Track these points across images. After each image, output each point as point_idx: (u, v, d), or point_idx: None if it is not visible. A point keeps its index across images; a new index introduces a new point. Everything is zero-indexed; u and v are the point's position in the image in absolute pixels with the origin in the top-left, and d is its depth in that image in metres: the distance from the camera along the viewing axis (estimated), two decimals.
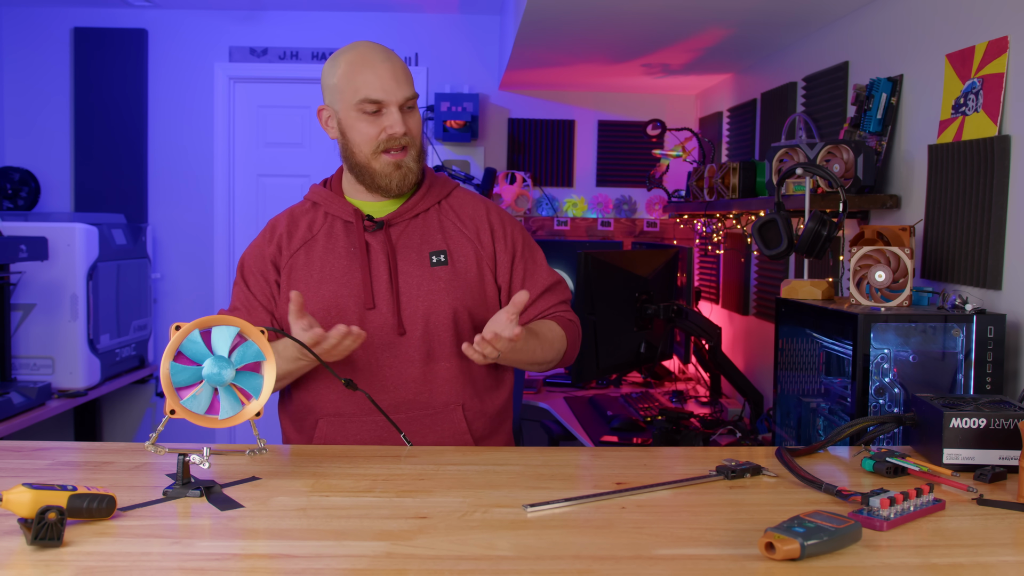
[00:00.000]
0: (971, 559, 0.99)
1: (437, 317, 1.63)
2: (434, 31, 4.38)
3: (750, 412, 3.04)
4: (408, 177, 1.65)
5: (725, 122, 4.01)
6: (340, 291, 1.63)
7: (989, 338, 1.78)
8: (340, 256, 1.65)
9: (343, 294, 1.63)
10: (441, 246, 1.67)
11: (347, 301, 1.62)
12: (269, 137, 4.43)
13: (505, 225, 1.74)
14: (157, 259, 4.35)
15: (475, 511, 1.13)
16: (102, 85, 4.25)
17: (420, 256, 1.65)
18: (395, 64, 1.62)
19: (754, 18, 2.86)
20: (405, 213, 1.68)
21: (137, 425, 4.34)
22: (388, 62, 1.61)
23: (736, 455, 1.38)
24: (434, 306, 1.63)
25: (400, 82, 1.60)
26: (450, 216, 1.71)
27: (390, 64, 1.61)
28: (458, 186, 1.78)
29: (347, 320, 1.61)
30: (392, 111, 1.60)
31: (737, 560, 0.97)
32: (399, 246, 1.66)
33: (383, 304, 1.62)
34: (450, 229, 1.70)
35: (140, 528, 1.05)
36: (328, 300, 1.63)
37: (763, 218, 2.22)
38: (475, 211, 1.73)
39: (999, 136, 1.91)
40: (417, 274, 1.64)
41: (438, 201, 1.72)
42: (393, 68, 1.61)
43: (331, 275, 1.64)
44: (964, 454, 1.31)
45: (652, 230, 4.49)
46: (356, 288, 1.63)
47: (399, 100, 1.60)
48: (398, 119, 1.60)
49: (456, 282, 1.65)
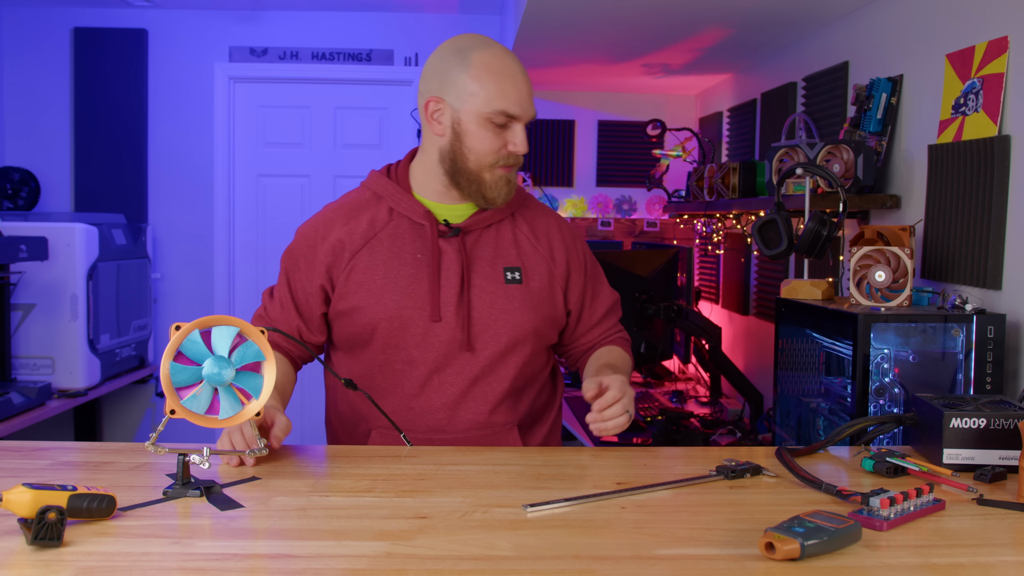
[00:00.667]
0: (971, 559, 0.99)
1: (508, 337, 1.56)
2: (434, 31, 4.38)
3: (750, 412, 3.04)
4: (511, 190, 1.58)
5: (725, 122, 4.01)
6: (404, 301, 1.53)
7: (989, 338, 1.78)
8: (406, 262, 1.55)
9: (408, 304, 1.53)
10: (516, 262, 1.59)
11: (411, 312, 1.53)
12: (269, 137, 4.44)
13: (576, 242, 1.68)
14: (157, 259, 4.35)
15: (475, 511, 1.13)
16: (102, 85, 4.25)
17: (494, 270, 1.57)
18: (527, 78, 1.54)
19: (754, 18, 2.86)
20: (480, 222, 1.58)
21: (137, 425, 4.34)
22: (524, 76, 1.53)
23: (736, 455, 1.38)
24: (506, 326, 1.55)
25: (530, 98, 1.54)
26: (523, 229, 1.63)
27: (525, 79, 1.53)
28: (531, 195, 1.71)
29: (410, 332, 1.53)
30: (519, 128, 1.52)
31: (737, 560, 0.97)
32: (474, 256, 1.57)
33: (450, 317, 1.53)
34: (524, 244, 1.61)
35: (140, 528, 1.05)
36: (391, 310, 1.53)
37: (763, 218, 2.22)
38: (547, 225, 1.66)
39: (999, 136, 1.91)
40: (491, 289, 1.56)
41: (512, 212, 1.63)
42: (528, 83, 1.53)
43: (395, 283, 1.54)
44: (964, 454, 1.31)
45: (652, 230, 4.49)
46: (422, 298, 1.53)
47: (528, 117, 1.53)
48: (524, 138, 1.52)
49: (530, 303, 1.58)
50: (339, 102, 4.44)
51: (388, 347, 1.56)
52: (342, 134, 4.45)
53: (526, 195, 1.69)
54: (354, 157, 4.46)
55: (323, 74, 4.37)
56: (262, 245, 4.46)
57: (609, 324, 1.73)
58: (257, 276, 4.46)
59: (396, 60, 4.38)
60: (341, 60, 4.37)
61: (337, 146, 4.46)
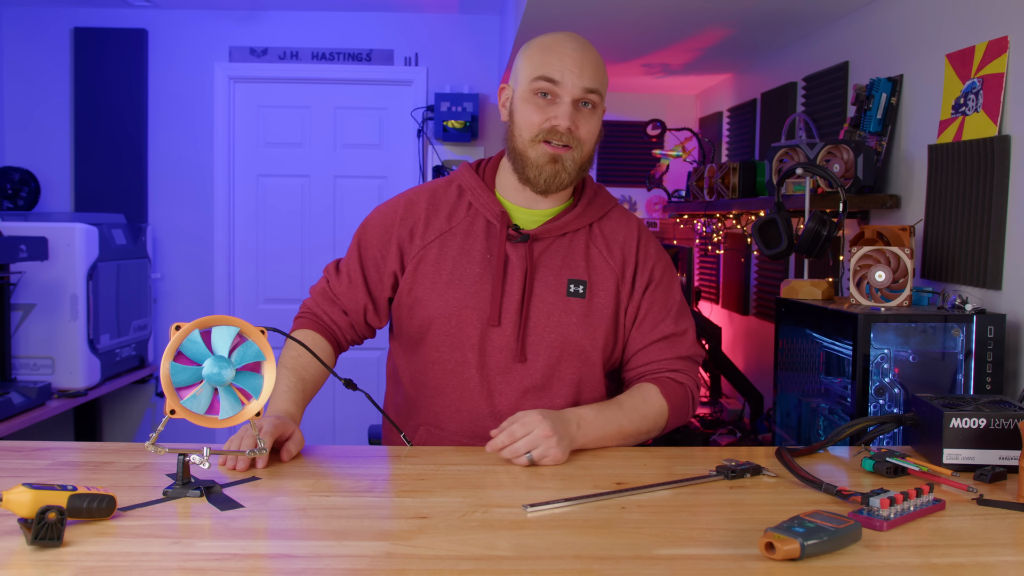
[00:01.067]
0: (971, 559, 0.99)
1: (562, 352, 1.51)
2: (434, 31, 4.38)
3: (750, 412, 3.04)
4: (560, 176, 1.48)
5: (725, 122, 4.01)
6: (466, 301, 1.51)
7: (989, 338, 1.78)
8: (474, 261, 1.52)
9: (468, 305, 1.51)
10: (582, 275, 1.53)
11: (471, 313, 1.51)
12: (269, 137, 4.44)
13: (650, 255, 1.58)
14: (157, 259, 4.35)
15: (475, 511, 1.13)
16: (102, 85, 4.25)
17: (558, 281, 1.52)
18: (587, 55, 1.47)
19: (754, 18, 2.86)
20: (554, 230, 1.54)
21: (137, 425, 4.34)
22: (580, 51, 1.47)
23: (736, 455, 1.38)
24: (561, 339, 1.51)
25: (584, 73, 1.45)
26: (599, 241, 1.56)
27: (580, 53, 1.47)
28: (616, 206, 1.62)
29: (467, 334, 1.50)
30: (565, 102, 1.46)
31: (737, 560, 0.97)
32: (539, 264, 1.52)
33: (509, 325, 1.50)
34: (595, 257, 1.55)
35: (140, 528, 1.05)
36: (452, 307, 1.51)
37: (763, 218, 2.22)
38: (626, 238, 1.58)
39: (999, 136, 1.91)
40: (551, 300, 1.51)
41: (590, 223, 1.57)
42: (582, 57, 1.46)
43: (461, 280, 1.52)
44: (964, 454, 1.31)
45: (652, 230, 4.48)
46: (484, 301, 1.51)
47: (575, 89, 1.45)
48: (567, 111, 1.45)
49: (590, 319, 1.52)
50: (339, 102, 4.44)
51: (443, 345, 1.53)
52: (342, 134, 4.45)
53: (611, 204, 1.61)
54: (354, 157, 4.46)
55: (323, 74, 4.37)
56: (262, 245, 4.46)
57: (660, 357, 1.55)
58: (257, 276, 4.47)
59: (396, 60, 4.38)
60: (341, 60, 4.37)
61: (337, 146, 4.46)
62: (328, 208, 4.46)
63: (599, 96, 1.49)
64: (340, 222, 4.46)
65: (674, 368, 1.55)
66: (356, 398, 1.67)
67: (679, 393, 1.54)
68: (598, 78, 1.49)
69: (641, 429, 1.49)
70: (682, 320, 1.58)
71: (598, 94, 1.49)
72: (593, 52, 1.50)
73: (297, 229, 4.46)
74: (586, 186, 1.60)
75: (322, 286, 1.64)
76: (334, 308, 1.61)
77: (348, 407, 4.28)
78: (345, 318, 1.61)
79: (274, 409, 1.46)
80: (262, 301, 4.47)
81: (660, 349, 1.55)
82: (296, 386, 1.50)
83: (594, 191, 1.60)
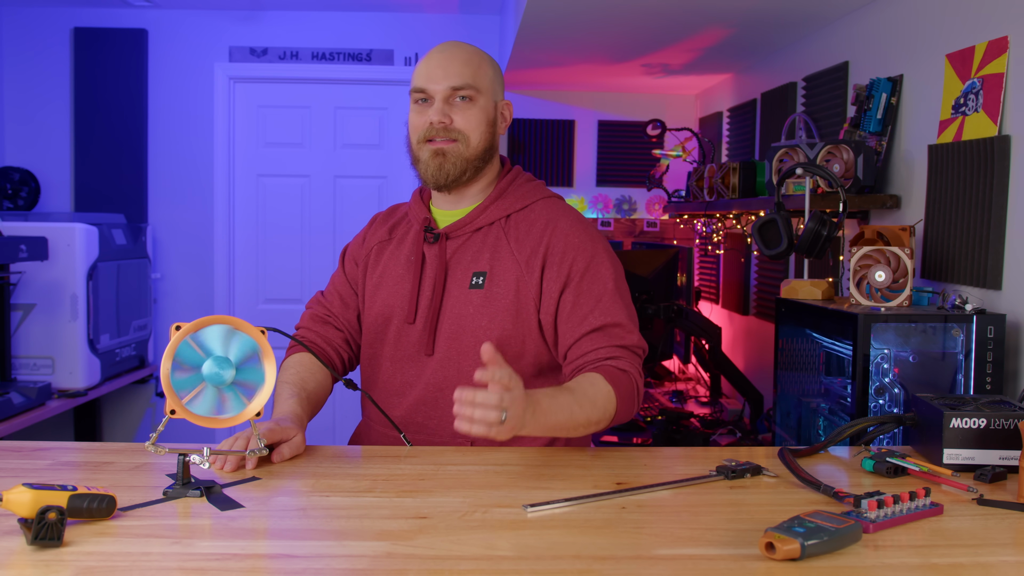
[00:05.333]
0: (971, 559, 0.99)
1: (463, 343, 1.53)
2: (434, 31, 4.38)
3: (750, 412, 3.04)
4: (446, 168, 1.54)
5: (725, 122, 4.01)
6: (391, 300, 1.60)
7: (989, 338, 1.78)
8: (400, 264, 1.62)
9: (393, 304, 1.60)
10: (484, 267, 1.55)
11: (394, 311, 1.59)
12: (269, 137, 4.43)
13: (567, 251, 1.53)
14: (157, 259, 4.35)
15: (475, 511, 1.13)
16: (102, 85, 4.25)
17: (464, 275, 1.56)
18: (451, 55, 1.56)
19: (754, 18, 2.86)
20: (466, 225, 1.59)
21: (137, 425, 4.34)
22: (443, 53, 1.56)
23: (736, 455, 1.38)
24: (461, 331, 1.53)
25: (449, 72, 1.53)
26: (513, 233, 1.57)
27: (445, 55, 1.56)
28: (543, 199, 1.62)
29: (389, 332, 1.59)
30: (435, 101, 1.54)
31: (737, 560, 0.97)
32: (452, 262, 1.57)
33: (421, 321, 1.56)
34: (503, 249, 1.56)
35: (140, 528, 1.05)
36: (380, 308, 1.61)
37: (763, 218, 2.22)
38: (541, 231, 1.56)
39: (999, 136, 1.91)
40: (455, 294, 1.55)
41: (507, 215, 1.59)
42: (446, 59, 1.55)
43: (387, 282, 1.62)
44: (964, 454, 1.31)
45: (652, 230, 4.49)
46: (403, 299, 1.59)
47: (442, 90, 1.53)
48: (438, 108, 1.53)
49: (487, 308, 1.52)
50: (339, 102, 4.43)
51: (375, 343, 1.63)
52: (342, 134, 4.45)
53: (536, 196, 1.61)
54: (354, 157, 4.46)
55: (323, 74, 4.37)
56: (262, 245, 4.46)
57: (595, 346, 1.48)
58: (257, 276, 4.47)
59: (396, 60, 4.38)
60: (341, 60, 4.37)
61: (337, 146, 4.46)
62: (328, 208, 4.46)
63: (474, 90, 1.55)
64: (340, 222, 4.46)
65: (613, 356, 1.47)
66: (356, 398, 1.67)
67: (623, 380, 1.44)
68: (467, 72, 1.54)
69: (592, 418, 1.39)
70: (615, 311, 1.50)
71: (472, 88, 1.54)
72: (462, 51, 1.57)
73: (297, 229, 4.46)
74: (501, 180, 1.62)
75: (312, 310, 1.70)
76: (327, 327, 1.67)
77: (348, 407, 4.28)
78: (340, 334, 1.67)
79: (280, 412, 1.47)
80: (262, 301, 4.47)
81: (594, 339, 1.49)
82: (299, 394, 1.52)
83: (514, 185, 1.62)
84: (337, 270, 1.73)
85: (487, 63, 1.59)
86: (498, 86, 1.62)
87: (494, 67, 1.61)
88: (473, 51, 1.59)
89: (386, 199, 4.40)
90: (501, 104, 1.62)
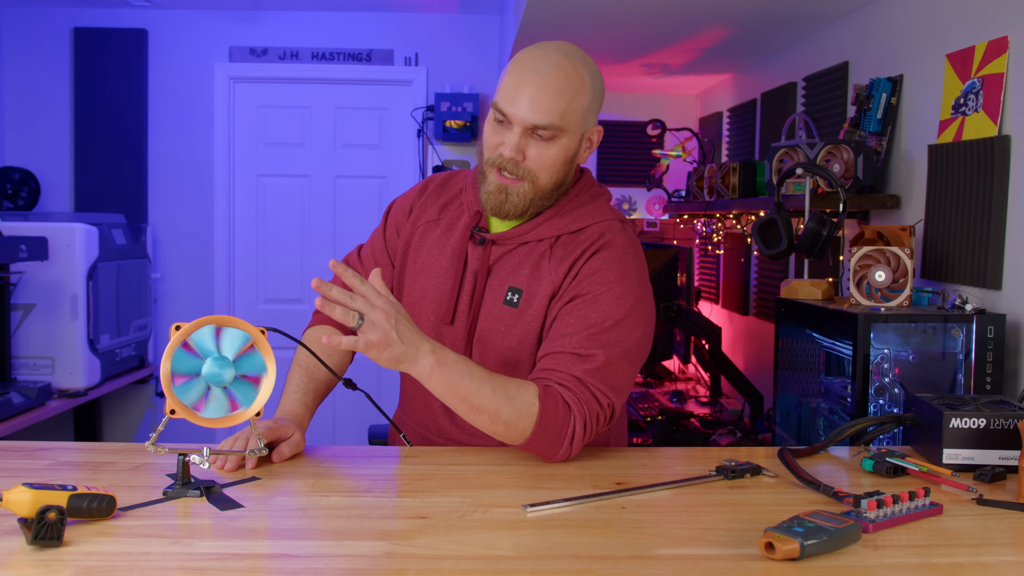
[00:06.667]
0: (971, 559, 0.99)
1: (487, 357, 1.47)
2: (434, 31, 4.38)
3: (750, 412, 3.05)
4: (505, 207, 1.42)
5: (725, 122, 4.01)
6: (428, 293, 1.51)
7: (989, 338, 1.78)
8: (444, 256, 1.52)
9: (429, 297, 1.51)
10: (522, 284, 1.46)
11: (429, 305, 1.50)
12: (269, 137, 4.44)
13: (594, 270, 1.42)
14: (157, 259, 4.35)
15: (475, 511, 1.13)
16: (102, 85, 4.25)
17: (501, 287, 1.47)
18: (543, 83, 1.36)
19: (754, 18, 2.86)
20: (515, 237, 1.48)
21: (137, 425, 4.34)
22: (538, 76, 1.36)
23: (736, 455, 1.38)
24: (488, 346, 1.47)
25: (535, 106, 1.35)
26: (558, 252, 1.46)
27: (537, 82, 1.36)
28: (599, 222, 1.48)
29: (423, 327, 1.48)
30: (514, 130, 1.38)
31: (737, 560, 0.97)
32: (493, 269, 1.48)
33: (461, 325, 1.48)
34: (543, 267, 1.46)
35: (140, 528, 1.05)
36: (416, 297, 1.52)
37: (763, 218, 2.22)
38: (583, 252, 1.45)
39: (999, 136, 1.91)
40: (490, 305, 1.47)
41: (558, 235, 1.47)
42: (536, 89, 1.36)
43: (430, 273, 1.52)
44: (964, 454, 1.31)
45: (652, 230, 4.49)
46: (444, 298, 1.50)
47: (522, 122, 1.37)
48: (513, 143, 1.38)
49: (515, 330, 1.45)
50: (339, 102, 4.44)
51: None
52: (342, 134, 4.45)
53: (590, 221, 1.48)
54: (354, 157, 4.46)
55: (323, 74, 4.37)
56: (262, 245, 4.46)
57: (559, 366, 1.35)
58: (257, 276, 4.47)
59: (396, 60, 4.38)
60: (341, 60, 4.37)
61: (337, 146, 4.46)
62: (328, 208, 4.46)
63: (558, 130, 1.38)
64: (340, 222, 4.46)
65: (566, 384, 1.33)
66: (356, 398, 1.67)
67: (557, 412, 1.30)
68: (556, 108, 1.36)
69: (501, 412, 1.28)
70: (597, 346, 1.35)
71: (556, 129, 1.37)
72: (559, 76, 1.37)
73: (297, 229, 4.46)
74: (564, 200, 1.49)
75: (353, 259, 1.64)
76: None
77: (348, 407, 4.28)
78: None
79: (282, 410, 1.46)
80: (262, 301, 4.47)
81: (562, 361, 1.35)
82: (307, 386, 1.50)
83: (572, 202, 1.49)
84: (378, 229, 1.63)
85: (584, 90, 1.39)
86: (591, 115, 1.43)
87: (592, 91, 1.42)
88: (571, 75, 1.38)
89: (386, 199, 4.40)
90: (590, 131, 1.45)
